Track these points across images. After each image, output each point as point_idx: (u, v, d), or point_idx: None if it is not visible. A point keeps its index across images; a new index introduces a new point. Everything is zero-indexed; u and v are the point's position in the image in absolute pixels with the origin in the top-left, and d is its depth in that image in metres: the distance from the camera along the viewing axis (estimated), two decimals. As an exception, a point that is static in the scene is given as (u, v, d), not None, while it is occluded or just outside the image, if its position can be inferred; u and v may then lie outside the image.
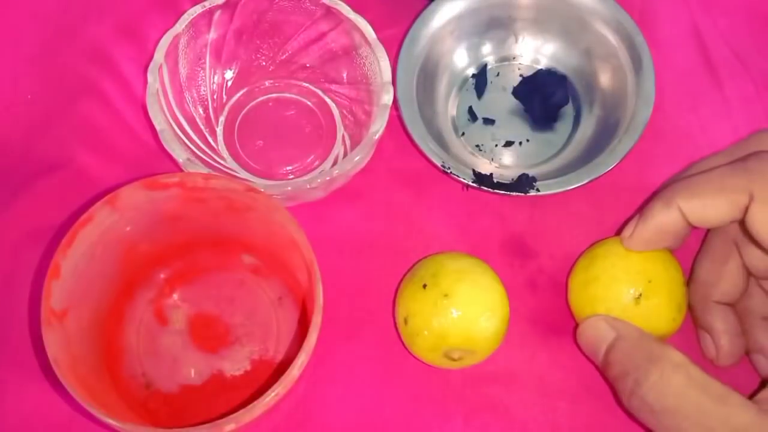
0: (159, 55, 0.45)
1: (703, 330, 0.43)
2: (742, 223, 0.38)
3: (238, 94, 0.51)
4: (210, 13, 0.47)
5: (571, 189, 0.46)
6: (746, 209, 0.37)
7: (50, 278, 0.37)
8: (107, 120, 0.50)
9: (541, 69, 0.52)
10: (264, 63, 0.51)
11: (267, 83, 0.51)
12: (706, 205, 0.38)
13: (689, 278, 0.45)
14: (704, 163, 0.43)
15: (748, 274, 0.42)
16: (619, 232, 0.48)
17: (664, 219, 0.40)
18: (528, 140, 0.50)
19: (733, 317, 0.43)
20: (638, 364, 0.38)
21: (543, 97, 0.51)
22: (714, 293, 0.43)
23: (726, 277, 0.42)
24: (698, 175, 0.40)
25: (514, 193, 0.45)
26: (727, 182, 0.38)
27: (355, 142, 0.47)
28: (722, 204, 0.38)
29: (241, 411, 0.35)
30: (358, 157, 0.43)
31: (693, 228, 0.40)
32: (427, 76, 0.50)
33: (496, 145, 0.50)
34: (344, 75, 0.50)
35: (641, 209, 0.42)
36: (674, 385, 0.36)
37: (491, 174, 0.46)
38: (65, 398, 0.42)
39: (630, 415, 0.39)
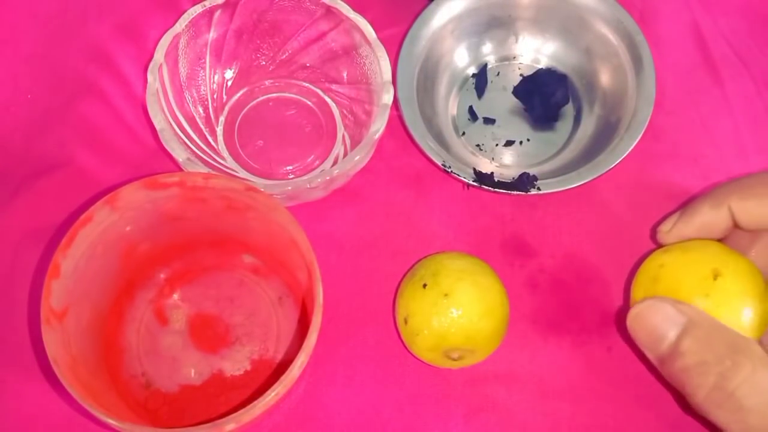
0: (159, 55, 0.45)
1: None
2: None
3: (238, 94, 0.51)
4: (210, 12, 0.47)
5: (571, 188, 0.45)
6: None
7: (50, 278, 0.37)
8: (107, 120, 0.50)
9: (542, 68, 0.52)
10: (264, 63, 0.51)
11: (267, 83, 0.51)
12: (762, 206, 0.37)
13: None
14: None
15: None
16: (620, 234, 0.48)
17: (711, 218, 0.38)
18: (528, 139, 0.50)
19: None
20: (722, 355, 0.33)
21: (543, 97, 0.50)
22: None
23: None
24: (752, 176, 0.38)
25: (514, 192, 0.45)
26: None
27: (355, 142, 0.47)
28: None
29: (241, 411, 0.34)
30: (358, 157, 0.43)
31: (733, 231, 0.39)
32: (428, 75, 0.50)
33: (497, 145, 0.50)
34: (344, 75, 0.50)
35: (682, 207, 0.40)
36: (766, 381, 0.32)
37: (492, 173, 0.46)
38: (65, 398, 0.42)
39: (690, 413, 0.36)
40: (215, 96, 0.50)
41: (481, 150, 0.50)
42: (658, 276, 0.39)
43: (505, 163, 0.50)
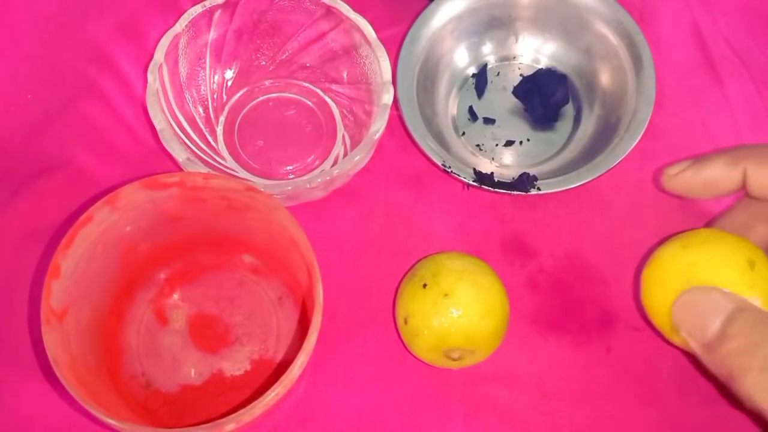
0: (159, 55, 0.45)
1: None
2: None
3: (238, 94, 0.51)
4: (210, 12, 0.47)
5: (571, 188, 0.45)
6: None
7: (50, 278, 0.37)
8: (107, 120, 0.50)
9: (542, 68, 0.52)
10: (264, 63, 0.51)
11: (267, 83, 0.51)
12: None
13: None
14: None
15: None
16: (620, 234, 0.48)
17: (723, 174, 0.38)
18: (528, 140, 0.50)
19: None
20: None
21: (543, 97, 0.50)
22: None
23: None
24: None
25: (514, 192, 0.45)
26: None
27: (355, 142, 0.47)
28: None
29: (241, 411, 0.34)
30: (358, 157, 0.43)
31: (739, 193, 0.39)
32: (428, 75, 0.50)
33: (497, 145, 0.50)
34: (344, 75, 0.50)
35: (695, 157, 0.40)
36: None
37: (492, 173, 0.46)
38: (65, 398, 0.42)
39: (738, 406, 0.35)
40: (215, 96, 0.50)
41: (481, 150, 0.50)
42: (691, 275, 0.37)
43: (505, 163, 0.50)
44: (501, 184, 0.45)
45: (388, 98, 0.45)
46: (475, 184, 0.45)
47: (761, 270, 0.36)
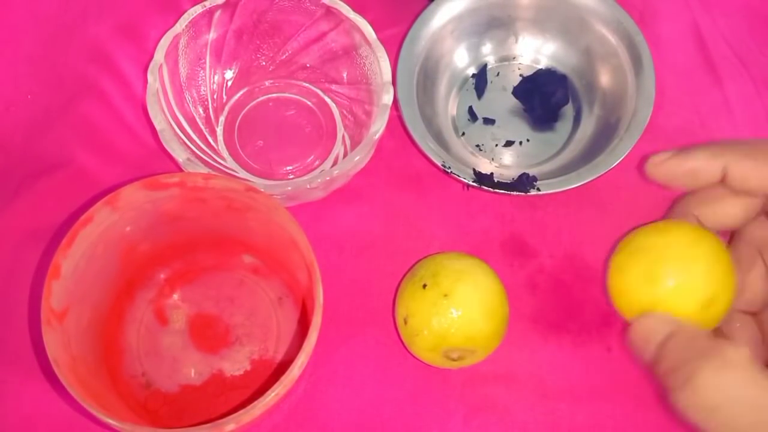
0: (159, 55, 0.45)
1: (725, 339, 0.43)
2: None
3: (238, 94, 0.51)
4: (210, 13, 0.47)
5: (571, 188, 0.46)
6: None
7: (50, 278, 0.37)
8: (107, 120, 0.50)
9: (541, 69, 0.52)
10: (264, 63, 0.51)
11: (267, 83, 0.51)
12: (759, 170, 0.38)
13: None
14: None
15: None
16: (620, 234, 0.48)
17: (704, 166, 0.39)
18: (528, 140, 0.50)
19: (755, 327, 0.42)
20: (690, 359, 0.36)
21: (543, 97, 0.51)
22: (738, 302, 0.42)
23: (749, 286, 0.42)
24: (756, 141, 0.39)
25: (514, 193, 0.45)
26: None
27: (355, 142, 0.47)
28: None
29: (241, 411, 0.35)
30: (358, 157, 0.43)
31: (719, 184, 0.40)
32: (428, 76, 0.50)
33: (497, 145, 0.50)
34: (344, 75, 0.50)
35: (678, 148, 0.40)
36: (728, 381, 0.34)
37: (492, 173, 0.46)
38: (65, 398, 0.42)
39: (673, 413, 0.38)
40: (215, 96, 0.50)
41: (480, 150, 0.50)
42: (652, 265, 0.39)
43: (505, 164, 0.50)
44: (501, 185, 0.45)
45: (388, 98, 0.45)
46: (474, 184, 0.45)
47: (716, 260, 0.39)
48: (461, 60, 0.52)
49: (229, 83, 0.51)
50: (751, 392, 0.35)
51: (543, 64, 0.53)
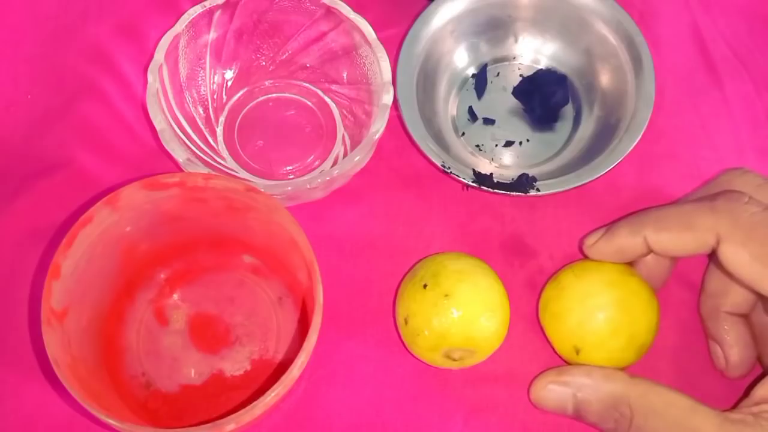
0: (159, 55, 0.45)
1: (714, 341, 0.43)
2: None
3: (238, 94, 0.51)
4: (210, 13, 0.47)
5: (571, 189, 0.46)
6: (716, 248, 0.38)
7: (50, 278, 0.37)
8: (107, 120, 0.50)
9: (541, 69, 0.52)
10: (264, 63, 0.51)
11: (267, 83, 0.51)
12: (673, 240, 0.40)
13: (700, 289, 0.45)
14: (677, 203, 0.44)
15: None
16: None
17: (628, 243, 0.41)
18: (528, 140, 0.50)
19: (744, 328, 0.43)
20: (607, 417, 0.39)
21: (543, 97, 0.51)
22: (724, 304, 0.42)
23: (736, 288, 0.42)
24: (668, 209, 0.41)
25: (514, 193, 0.45)
26: (694, 220, 0.39)
27: (355, 142, 0.47)
28: (689, 241, 0.39)
29: (241, 411, 0.35)
30: (358, 157, 0.43)
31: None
32: (427, 76, 0.50)
33: (496, 145, 0.50)
34: (344, 75, 0.50)
35: (609, 225, 0.43)
36: (651, 418, 0.37)
37: (491, 174, 0.46)
38: (65, 398, 0.42)
39: None
40: (215, 96, 0.50)
41: (480, 150, 0.50)
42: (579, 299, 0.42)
43: (505, 164, 0.50)
44: (500, 185, 0.45)
45: (388, 98, 0.45)
46: (474, 184, 0.45)
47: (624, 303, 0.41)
48: (461, 60, 0.52)
49: (229, 83, 0.51)
50: (672, 413, 0.37)
51: (543, 65, 0.53)
